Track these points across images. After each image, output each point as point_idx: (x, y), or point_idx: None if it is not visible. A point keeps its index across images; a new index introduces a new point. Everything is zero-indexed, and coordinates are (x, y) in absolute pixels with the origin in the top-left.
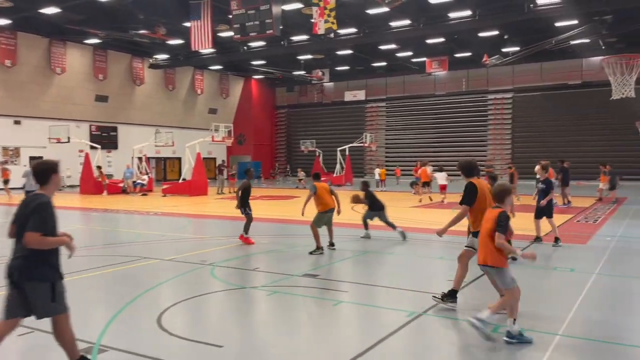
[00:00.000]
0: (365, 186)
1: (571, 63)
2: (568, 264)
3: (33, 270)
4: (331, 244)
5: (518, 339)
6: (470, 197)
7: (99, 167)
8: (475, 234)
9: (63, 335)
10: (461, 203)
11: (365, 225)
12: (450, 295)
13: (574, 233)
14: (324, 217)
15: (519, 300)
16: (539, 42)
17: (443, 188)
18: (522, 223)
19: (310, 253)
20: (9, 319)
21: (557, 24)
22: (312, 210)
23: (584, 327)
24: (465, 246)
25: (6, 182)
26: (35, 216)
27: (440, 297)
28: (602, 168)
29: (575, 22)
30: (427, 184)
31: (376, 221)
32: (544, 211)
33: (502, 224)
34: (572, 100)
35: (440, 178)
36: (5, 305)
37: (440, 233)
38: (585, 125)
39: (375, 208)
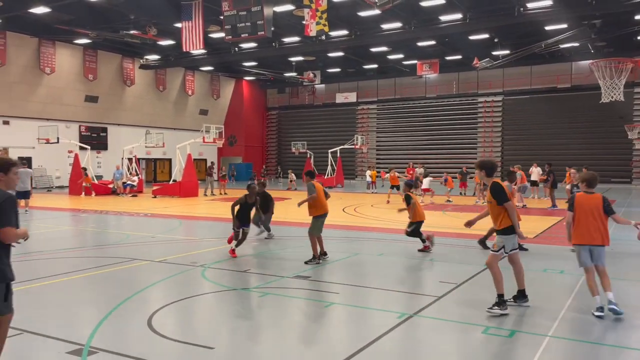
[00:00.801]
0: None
1: (561, 66)
2: (558, 265)
3: None
4: (324, 253)
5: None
6: (505, 195)
7: (84, 169)
8: (501, 232)
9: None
10: (503, 202)
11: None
12: (521, 297)
13: (565, 235)
14: (319, 222)
15: None
16: (529, 46)
17: (426, 191)
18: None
19: (306, 263)
20: None
21: (547, 28)
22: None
23: (574, 328)
24: (497, 249)
25: None
26: (7, 211)
27: (512, 299)
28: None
29: (564, 26)
30: (396, 187)
31: (367, 221)
32: None
33: (611, 205)
34: (562, 104)
35: (425, 183)
36: None
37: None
38: (574, 128)
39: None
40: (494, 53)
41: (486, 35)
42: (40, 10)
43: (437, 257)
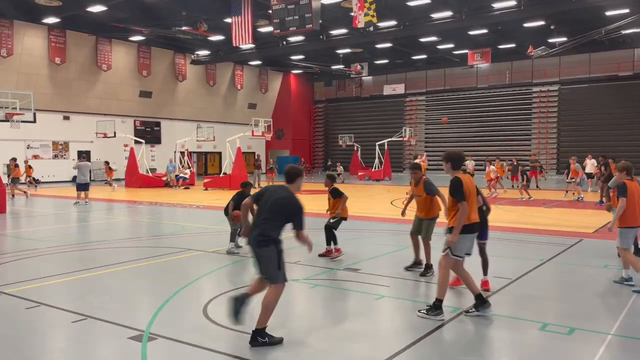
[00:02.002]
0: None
1: (622, 53)
2: (619, 261)
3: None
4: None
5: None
6: (461, 194)
7: (106, 163)
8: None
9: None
10: (460, 200)
11: None
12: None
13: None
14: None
15: None
16: (588, 32)
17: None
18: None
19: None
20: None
21: (607, 13)
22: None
23: (637, 326)
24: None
25: (31, 178)
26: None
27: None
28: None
29: (626, 10)
30: None
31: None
32: None
33: None
34: (624, 92)
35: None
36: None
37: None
38: (637, 117)
39: None
40: (550, 40)
41: (542, 22)
42: (96, 9)
43: (491, 252)
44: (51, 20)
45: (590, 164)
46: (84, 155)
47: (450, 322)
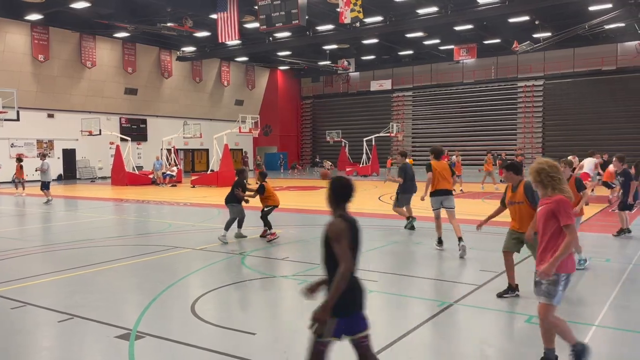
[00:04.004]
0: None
1: (605, 48)
2: (604, 254)
3: None
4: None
5: None
6: None
7: (18, 160)
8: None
9: None
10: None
11: None
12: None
13: (610, 223)
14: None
15: None
16: (572, 28)
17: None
18: None
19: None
20: None
21: (591, 8)
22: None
23: (621, 318)
24: None
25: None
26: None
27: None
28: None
29: (609, 5)
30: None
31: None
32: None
33: None
34: (607, 86)
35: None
36: None
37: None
38: (620, 112)
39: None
40: (535, 36)
41: (526, 18)
42: (80, 5)
43: (477, 246)
44: (34, 16)
45: (575, 162)
46: (48, 155)
47: (438, 316)
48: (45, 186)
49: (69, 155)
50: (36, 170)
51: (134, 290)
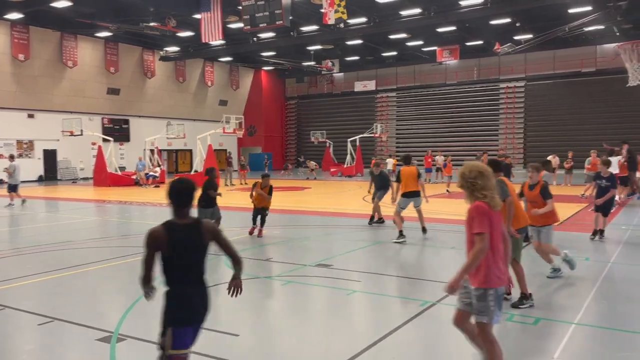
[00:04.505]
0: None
1: (585, 50)
2: (583, 253)
3: None
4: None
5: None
6: None
7: None
8: None
9: None
10: None
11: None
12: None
13: (589, 222)
14: None
15: None
16: (552, 30)
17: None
18: None
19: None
20: None
21: (571, 11)
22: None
23: (600, 316)
24: None
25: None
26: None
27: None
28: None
29: (589, 8)
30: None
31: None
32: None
33: None
34: (586, 88)
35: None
36: None
37: None
38: (600, 113)
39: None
40: (516, 38)
41: (508, 20)
42: (61, 4)
43: (460, 246)
44: (14, 15)
45: (554, 163)
46: (14, 156)
47: (420, 315)
48: (12, 188)
49: (50, 156)
50: (3, 171)
51: (116, 293)
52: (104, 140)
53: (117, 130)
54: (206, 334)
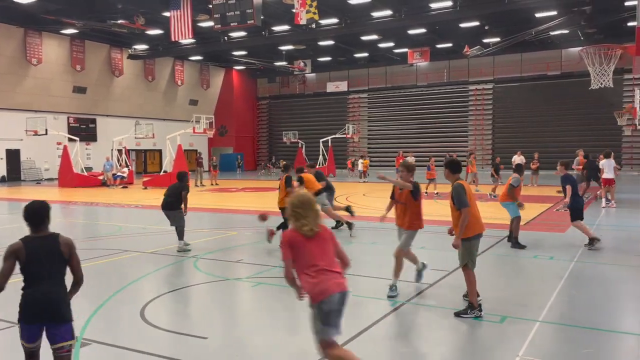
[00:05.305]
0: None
1: (551, 54)
2: (548, 252)
3: None
4: None
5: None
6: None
7: None
8: None
9: None
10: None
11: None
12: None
13: (554, 222)
14: None
15: None
16: (519, 33)
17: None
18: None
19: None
20: None
21: (537, 15)
22: None
23: (564, 313)
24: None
25: None
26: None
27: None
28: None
29: (554, 13)
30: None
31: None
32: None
33: None
34: (552, 91)
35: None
36: None
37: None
38: (564, 115)
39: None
40: (485, 41)
41: (476, 23)
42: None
43: (430, 246)
44: None
45: (519, 160)
46: None
47: (391, 314)
48: None
49: (12, 156)
50: None
51: (80, 296)
52: (70, 139)
53: (84, 130)
54: (174, 337)
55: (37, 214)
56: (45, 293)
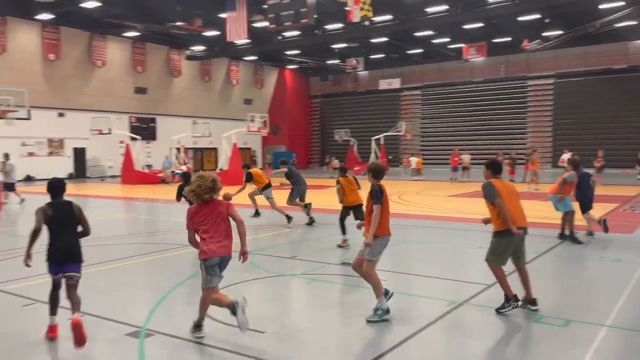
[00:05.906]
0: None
1: (616, 46)
2: (614, 254)
3: None
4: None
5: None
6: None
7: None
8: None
9: None
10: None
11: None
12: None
13: (620, 222)
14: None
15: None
16: (582, 26)
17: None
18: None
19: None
20: None
21: (601, 6)
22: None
23: (633, 318)
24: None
25: None
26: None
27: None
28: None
29: (621, 3)
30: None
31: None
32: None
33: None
34: (618, 85)
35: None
36: None
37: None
38: (632, 110)
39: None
40: (545, 34)
41: (537, 16)
42: (90, 4)
43: (486, 245)
44: (45, 16)
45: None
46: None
47: (449, 314)
48: (8, 187)
49: (79, 154)
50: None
51: (144, 288)
52: (132, 138)
53: (144, 129)
54: (232, 330)
55: (57, 186)
56: (64, 241)
